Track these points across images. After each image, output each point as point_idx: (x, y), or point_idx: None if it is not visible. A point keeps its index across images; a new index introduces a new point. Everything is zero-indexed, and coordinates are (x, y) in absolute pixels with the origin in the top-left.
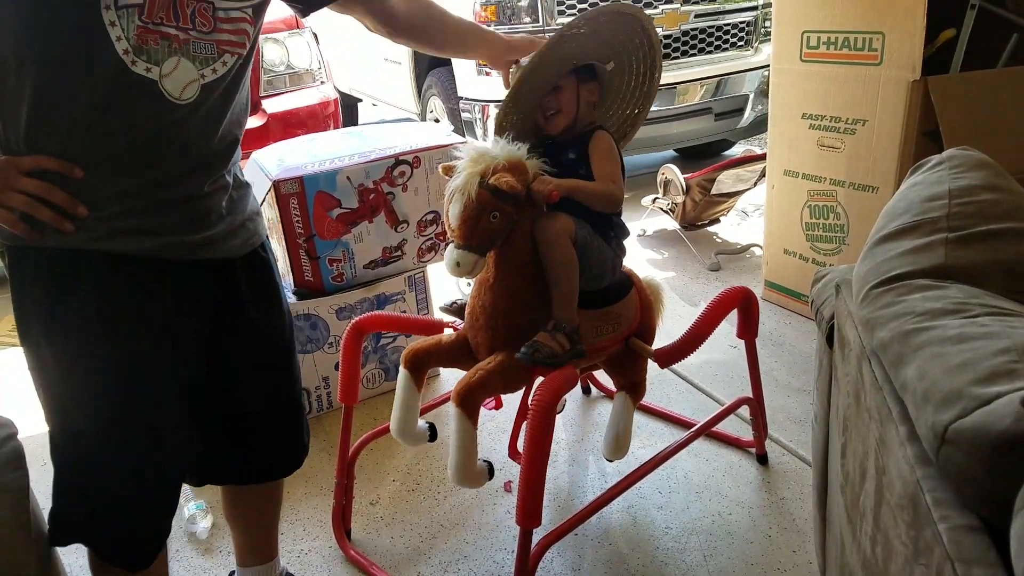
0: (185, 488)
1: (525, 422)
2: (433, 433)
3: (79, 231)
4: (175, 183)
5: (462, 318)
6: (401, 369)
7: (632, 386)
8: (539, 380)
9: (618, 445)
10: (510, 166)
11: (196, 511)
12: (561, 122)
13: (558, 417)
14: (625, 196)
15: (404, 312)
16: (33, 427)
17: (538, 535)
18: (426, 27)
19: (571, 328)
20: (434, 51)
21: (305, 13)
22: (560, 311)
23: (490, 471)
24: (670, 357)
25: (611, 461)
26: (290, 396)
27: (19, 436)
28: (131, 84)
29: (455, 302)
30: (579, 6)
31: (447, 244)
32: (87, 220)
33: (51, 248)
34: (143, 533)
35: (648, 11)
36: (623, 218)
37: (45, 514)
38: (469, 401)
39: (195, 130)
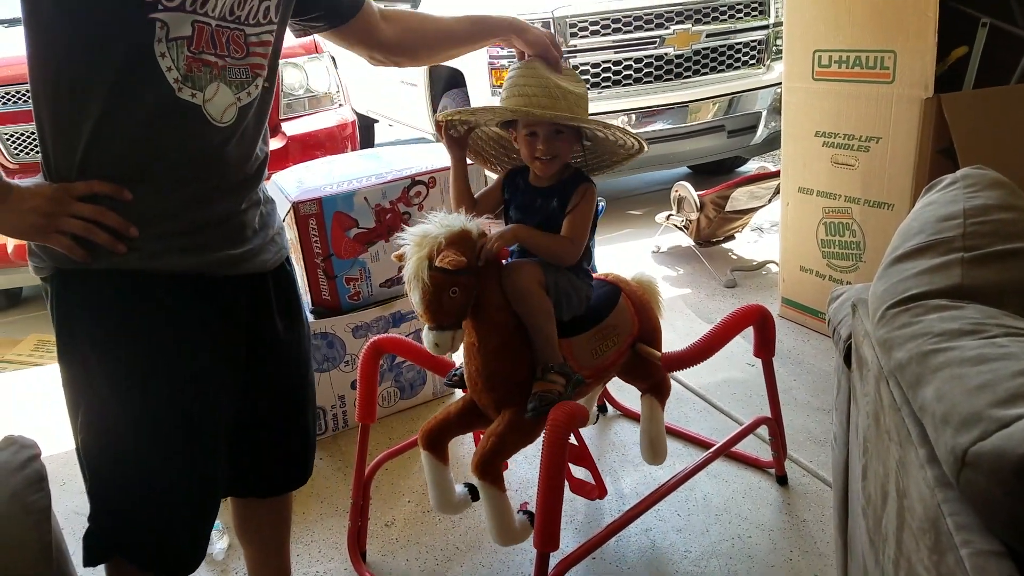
0: None
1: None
2: (474, 494)
3: (130, 252)
4: (217, 201)
5: (465, 387)
6: (422, 451)
7: (654, 388)
8: None
9: (654, 449)
10: (452, 240)
11: (212, 532)
12: (553, 167)
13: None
14: (638, 214)
15: (420, 330)
16: (53, 447)
17: (555, 559)
18: (422, 45)
19: (559, 364)
20: (443, 60)
21: (301, 35)
22: (544, 354)
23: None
24: (677, 363)
25: (654, 465)
26: (307, 408)
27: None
28: (179, 110)
29: (456, 373)
30: (591, 28)
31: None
32: (137, 240)
33: (102, 270)
34: (192, 542)
35: (659, 31)
36: (636, 231)
37: (64, 533)
38: (490, 471)
39: (234, 150)
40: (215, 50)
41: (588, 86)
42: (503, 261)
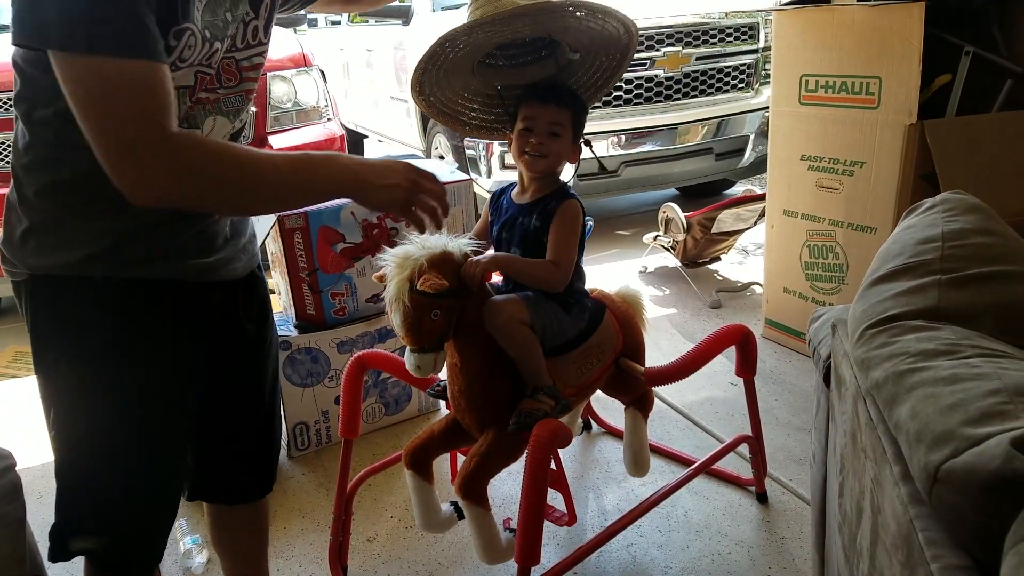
0: (181, 523)
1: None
2: (460, 512)
3: (100, 261)
4: (192, 213)
5: (447, 399)
6: (406, 470)
7: (637, 401)
8: None
9: (637, 462)
10: (434, 263)
11: (192, 546)
12: (541, 166)
13: (561, 452)
14: (626, 234)
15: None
16: (30, 459)
17: (536, 573)
18: None
19: (549, 386)
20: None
21: (302, 7)
22: (532, 379)
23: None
24: (660, 378)
25: (637, 477)
26: (275, 413)
27: (16, 468)
28: None
29: (439, 384)
30: None
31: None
32: (110, 251)
33: (70, 276)
34: (145, 547)
35: (650, 53)
36: (624, 251)
37: (40, 547)
38: (474, 491)
39: None
40: (205, 86)
41: None
42: (487, 283)
